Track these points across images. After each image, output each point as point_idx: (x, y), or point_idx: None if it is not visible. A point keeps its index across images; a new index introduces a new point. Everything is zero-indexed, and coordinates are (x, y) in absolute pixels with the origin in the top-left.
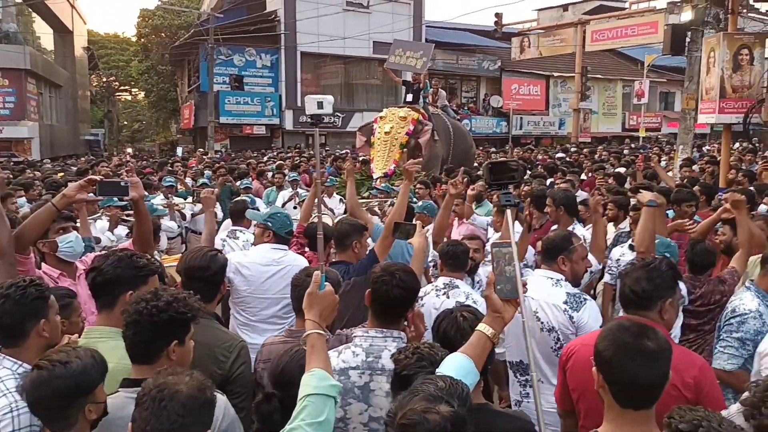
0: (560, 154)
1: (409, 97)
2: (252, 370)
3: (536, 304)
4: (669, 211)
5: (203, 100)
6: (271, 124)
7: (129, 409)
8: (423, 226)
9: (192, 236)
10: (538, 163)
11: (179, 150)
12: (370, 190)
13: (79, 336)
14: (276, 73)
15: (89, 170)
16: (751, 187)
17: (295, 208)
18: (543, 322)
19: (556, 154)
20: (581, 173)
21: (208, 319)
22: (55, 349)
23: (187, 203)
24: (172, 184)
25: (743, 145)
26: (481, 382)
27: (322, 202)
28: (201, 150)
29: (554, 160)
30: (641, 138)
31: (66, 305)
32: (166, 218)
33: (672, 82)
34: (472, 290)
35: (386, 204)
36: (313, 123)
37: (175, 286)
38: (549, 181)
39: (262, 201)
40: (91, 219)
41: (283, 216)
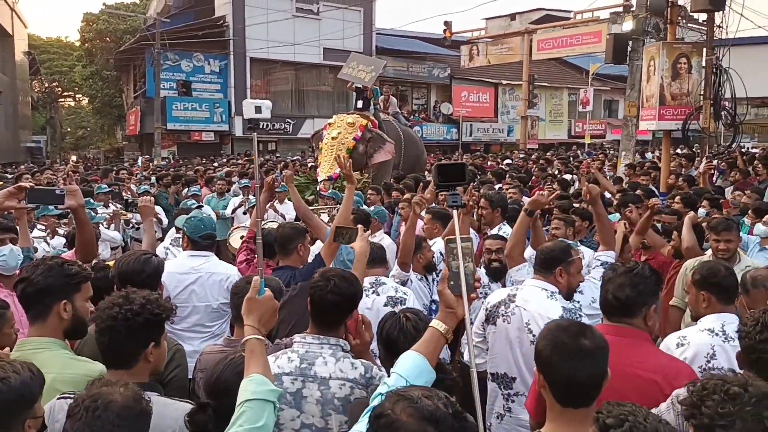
0: (508, 161)
1: (360, 104)
2: (190, 374)
3: (529, 316)
4: (615, 214)
5: (149, 106)
6: (220, 131)
7: None
8: (372, 232)
9: (135, 245)
10: (487, 169)
11: (139, 159)
12: (314, 194)
13: (11, 349)
14: (225, 78)
15: (27, 177)
16: (690, 191)
17: (245, 214)
18: (535, 335)
19: (504, 161)
20: (529, 179)
21: None
22: None
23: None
24: (107, 191)
25: (682, 151)
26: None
27: (273, 208)
28: (147, 156)
29: (502, 166)
30: (586, 144)
31: None
32: (107, 226)
33: (615, 90)
34: (399, 285)
35: (335, 210)
36: (251, 127)
37: None
38: (497, 186)
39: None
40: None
41: (197, 220)
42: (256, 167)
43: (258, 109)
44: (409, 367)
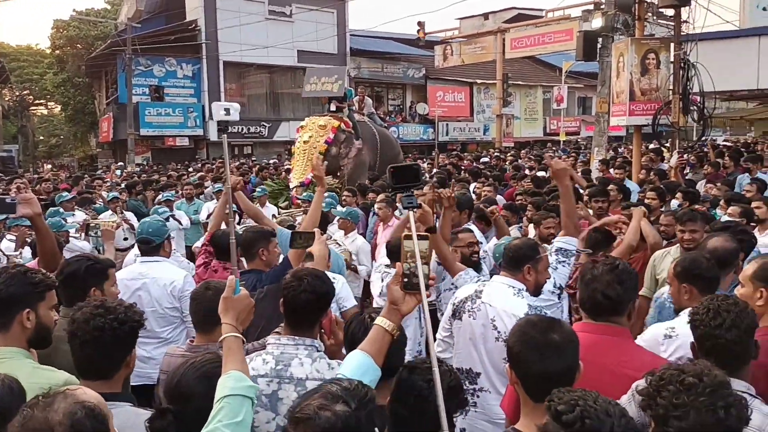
0: (484, 159)
1: (332, 107)
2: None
3: (494, 312)
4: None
5: (122, 112)
6: (194, 136)
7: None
8: (346, 233)
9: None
10: (463, 168)
11: (113, 167)
12: (287, 200)
13: None
14: (198, 83)
15: None
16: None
17: None
18: (500, 331)
19: (481, 159)
20: (503, 177)
21: None
22: None
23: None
24: (69, 198)
25: (652, 146)
26: (389, 379)
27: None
28: (120, 163)
29: (478, 164)
30: (562, 142)
31: None
32: (79, 236)
33: (589, 88)
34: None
35: (299, 215)
36: (222, 129)
37: None
38: (472, 185)
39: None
40: None
41: (142, 225)
42: (227, 169)
43: (227, 111)
44: (353, 366)
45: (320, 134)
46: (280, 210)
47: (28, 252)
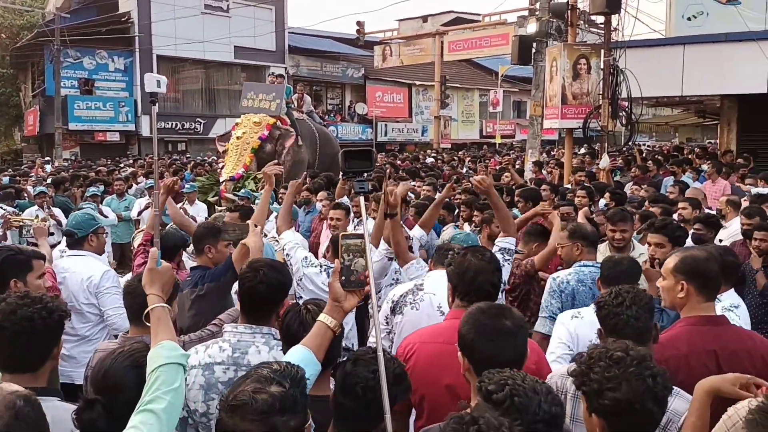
0: (430, 159)
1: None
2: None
3: (439, 300)
4: (514, 209)
5: (49, 106)
6: (126, 131)
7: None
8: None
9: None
10: (400, 167)
11: (39, 162)
12: (216, 195)
13: None
14: (130, 76)
15: None
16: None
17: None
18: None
19: (427, 159)
20: (440, 177)
21: None
22: None
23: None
24: None
25: (588, 150)
26: (327, 373)
27: (183, 210)
28: (47, 158)
29: (415, 164)
30: (497, 144)
31: None
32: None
33: (524, 92)
34: None
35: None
36: (152, 101)
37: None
38: (413, 184)
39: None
40: None
41: (72, 217)
42: (155, 145)
43: (158, 84)
44: (295, 360)
45: (254, 131)
46: (216, 207)
47: None
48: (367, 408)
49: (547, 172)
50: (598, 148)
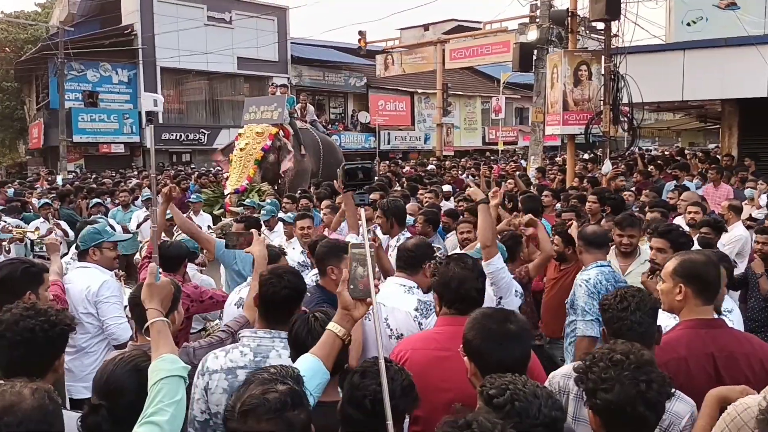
0: (431, 166)
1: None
2: None
3: (387, 311)
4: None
5: (54, 118)
6: (130, 142)
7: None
8: (288, 238)
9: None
10: (403, 175)
11: (44, 174)
12: (222, 207)
13: None
14: (134, 89)
15: None
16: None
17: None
18: (393, 329)
19: (428, 167)
20: (443, 184)
21: None
22: None
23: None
24: None
25: (590, 155)
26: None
27: (189, 218)
28: (50, 170)
29: (419, 172)
30: (500, 151)
31: None
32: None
33: (526, 98)
34: None
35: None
36: (150, 120)
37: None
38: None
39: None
40: None
41: (84, 232)
42: (152, 167)
43: (155, 103)
44: (304, 369)
45: (257, 141)
46: (221, 218)
47: None
48: (375, 419)
49: (550, 179)
50: (600, 154)
